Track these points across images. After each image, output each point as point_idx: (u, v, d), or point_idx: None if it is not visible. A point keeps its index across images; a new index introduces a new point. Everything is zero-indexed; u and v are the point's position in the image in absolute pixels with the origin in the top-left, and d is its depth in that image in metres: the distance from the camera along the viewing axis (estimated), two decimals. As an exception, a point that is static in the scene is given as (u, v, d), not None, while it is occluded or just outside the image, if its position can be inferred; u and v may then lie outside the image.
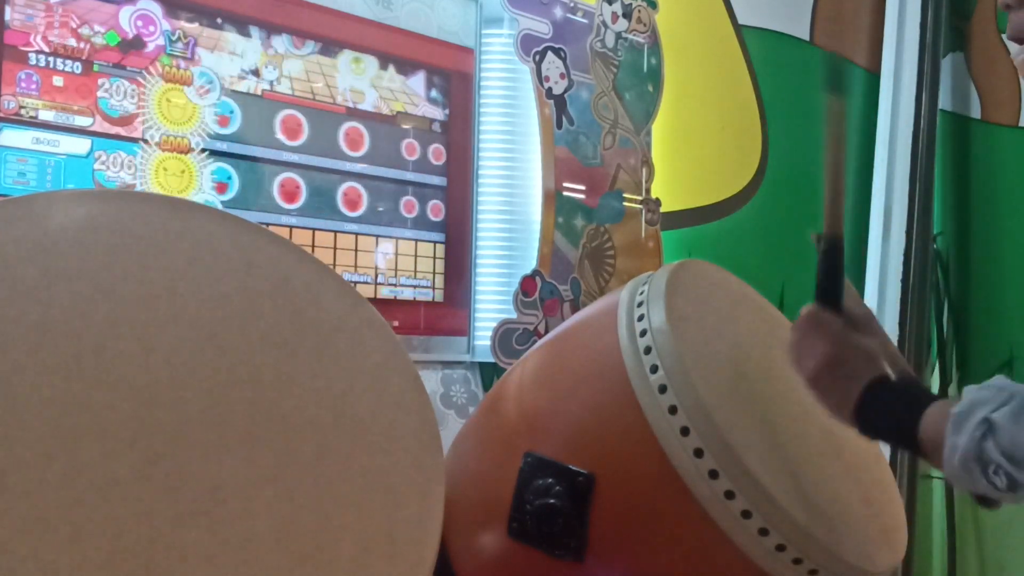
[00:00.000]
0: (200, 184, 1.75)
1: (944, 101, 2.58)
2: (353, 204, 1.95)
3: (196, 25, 1.75)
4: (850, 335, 1.07)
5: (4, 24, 1.55)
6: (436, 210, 2.09)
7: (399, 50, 2.04)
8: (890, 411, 1.01)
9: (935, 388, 2.56)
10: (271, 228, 1.66)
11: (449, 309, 2.10)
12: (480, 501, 1.20)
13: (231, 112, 1.80)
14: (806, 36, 2.67)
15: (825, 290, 1.12)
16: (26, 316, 0.91)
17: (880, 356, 1.07)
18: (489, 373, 2.13)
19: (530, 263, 2.13)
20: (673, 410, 1.08)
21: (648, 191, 2.38)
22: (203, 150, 1.75)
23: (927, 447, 0.95)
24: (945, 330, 2.56)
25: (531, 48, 2.14)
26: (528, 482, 1.14)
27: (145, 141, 1.68)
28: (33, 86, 1.57)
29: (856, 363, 1.04)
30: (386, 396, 1.05)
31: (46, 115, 1.58)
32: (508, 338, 2.05)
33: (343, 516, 0.94)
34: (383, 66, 2.01)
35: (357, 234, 1.96)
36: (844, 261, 1.13)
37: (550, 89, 2.16)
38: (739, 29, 2.60)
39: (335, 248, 1.93)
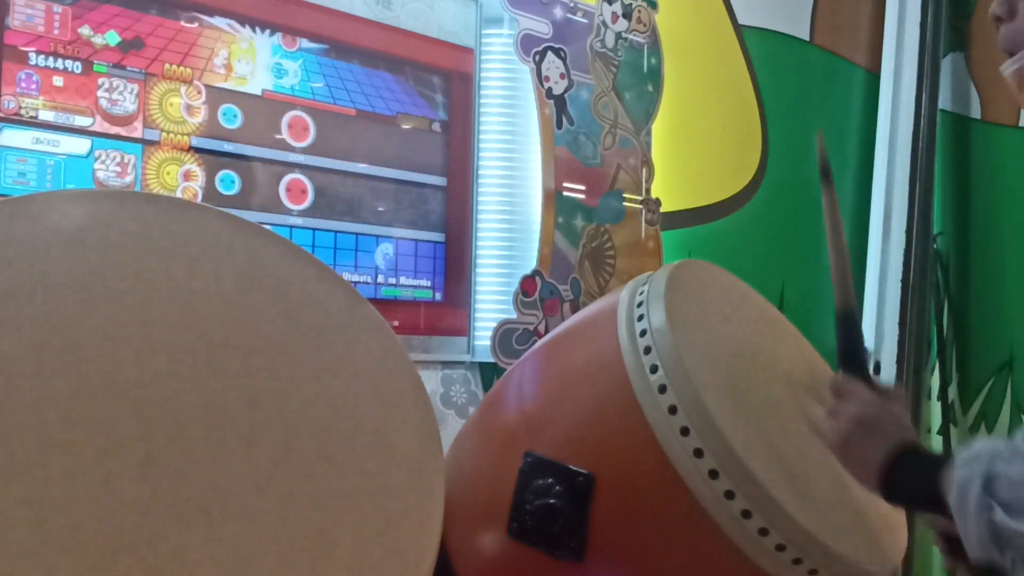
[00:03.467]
0: (199, 184, 1.75)
1: (944, 101, 2.58)
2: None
3: (196, 25, 1.75)
4: (876, 400, 1.07)
5: (4, 24, 1.55)
6: (436, 210, 2.09)
7: (399, 50, 2.04)
8: (914, 474, 0.99)
9: (935, 388, 2.56)
10: (270, 228, 1.66)
11: (449, 309, 2.10)
12: (480, 501, 1.20)
13: (231, 112, 1.79)
14: (806, 36, 2.67)
15: (849, 359, 1.13)
16: (26, 316, 0.91)
17: (907, 422, 1.06)
18: (489, 373, 2.13)
19: (530, 263, 2.13)
20: (673, 410, 1.08)
21: (648, 191, 2.38)
22: (203, 150, 1.75)
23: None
24: (945, 330, 2.56)
25: (531, 48, 2.14)
26: (528, 482, 1.14)
27: (145, 141, 1.68)
28: (33, 86, 1.57)
29: (886, 426, 1.03)
30: (386, 396, 1.05)
31: (46, 115, 1.58)
32: (508, 338, 2.05)
33: (343, 516, 0.94)
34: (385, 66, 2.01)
35: (357, 234, 1.96)
36: (863, 330, 1.15)
37: (550, 89, 2.16)
38: (739, 29, 2.60)
39: (335, 248, 1.93)
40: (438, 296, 2.08)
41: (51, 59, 1.59)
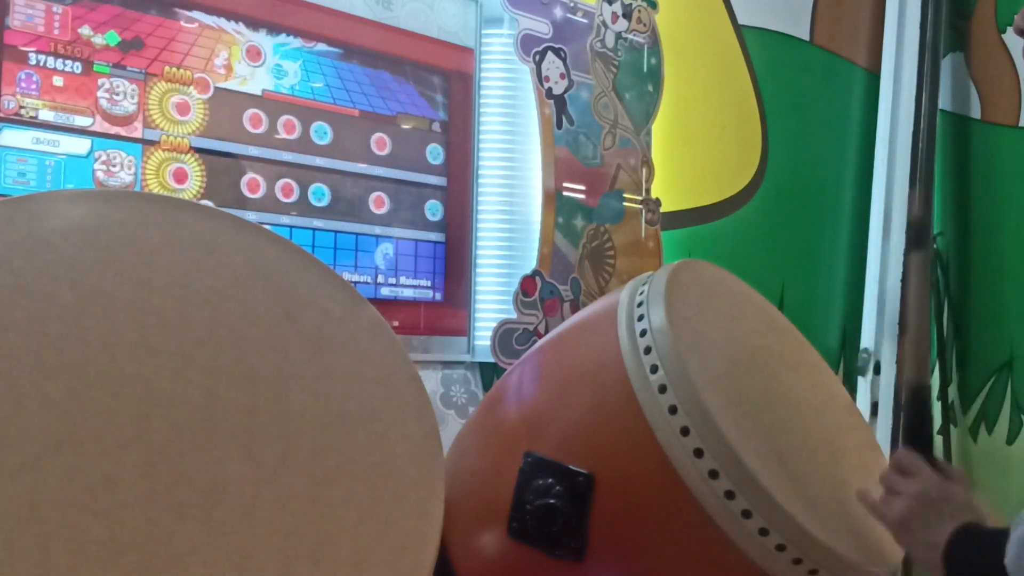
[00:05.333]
0: (199, 184, 1.75)
1: (944, 101, 2.57)
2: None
3: (196, 25, 1.75)
4: (939, 479, 1.05)
5: (4, 24, 1.55)
6: (436, 210, 2.09)
7: (399, 50, 2.04)
8: (982, 551, 0.97)
9: (935, 388, 2.56)
10: (271, 228, 1.66)
11: (449, 309, 2.10)
12: (480, 501, 1.20)
13: (231, 113, 1.79)
14: (806, 36, 2.67)
15: (914, 435, 1.11)
16: (26, 315, 0.91)
17: (973, 502, 1.04)
18: (489, 373, 2.13)
19: (530, 263, 2.12)
20: (673, 410, 1.08)
21: (648, 191, 2.38)
22: (203, 150, 1.75)
23: None
24: (945, 330, 2.56)
25: (531, 48, 2.13)
26: (528, 482, 1.14)
27: (145, 141, 1.68)
28: (33, 86, 1.57)
29: (950, 506, 1.02)
30: (386, 396, 1.05)
31: (46, 115, 1.58)
32: (508, 338, 2.05)
33: (343, 516, 0.94)
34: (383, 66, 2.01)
35: (357, 234, 1.96)
36: (931, 409, 1.12)
37: (550, 89, 2.16)
38: (739, 29, 2.60)
39: (335, 248, 1.93)
40: (438, 296, 2.08)
41: (51, 59, 1.59)
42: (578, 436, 1.16)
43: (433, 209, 2.08)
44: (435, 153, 2.10)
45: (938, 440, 2.54)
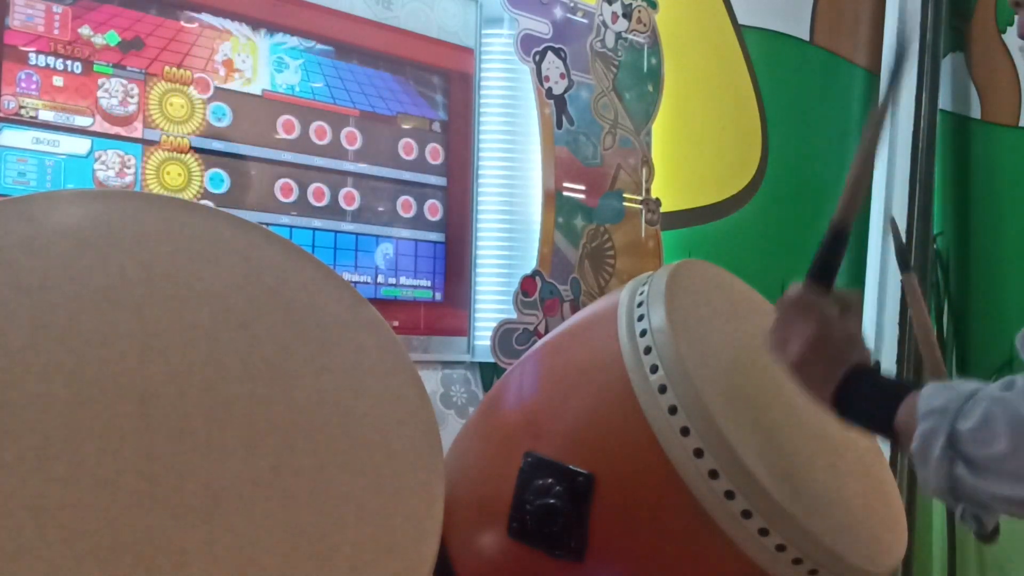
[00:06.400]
0: (199, 184, 1.75)
1: (944, 101, 2.57)
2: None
3: (196, 25, 1.75)
4: (837, 318, 1.06)
5: (4, 24, 1.55)
6: (436, 210, 2.09)
7: (399, 50, 2.04)
8: (869, 398, 1.00)
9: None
10: (270, 228, 1.66)
11: (449, 309, 2.10)
12: (480, 501, 1.20)
13: (231, 112, 1.79)
14: (806, 36, 2.67)
15: (820, 271, 1.10)
16: (27, 315, 0.91)
17: (864, 341, 1.06)
18: (489, 373, 2.13)
19: (530, 263, 2.13)
20: (673, 410, 1.08)
21: (648, 191, 2.38)
22: (202, 150, 1.75)
23: (903, 441, 0.95)
24: (945, 330, 2.56)
25: (531, 48, 2.14)
26: (528, 482, 1.14)
27: (145, 141, 1.68)
28: (33, 86, 1.57)
29: (841, 346, 1.03)
30: (386, 396, 1.05)
31: (46, 115, 1.58)
32: (508, 338, 2.05)
33: (343, 516, 0.94)
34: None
35: (357, 234, 1.96)
36: (845, 253, 1.12)
37: (550, 89, 2.16)
38: (739, 29, 2.60)
39: (335, 248, 1.93)
40: (438, 296, 2.08)
41: (51, 59, 1.59)
42: (578, 436, 1.16)
43: (433, 209, 2.09)
44: (435, 153, 2.10)
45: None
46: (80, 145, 1.62)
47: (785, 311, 1.08)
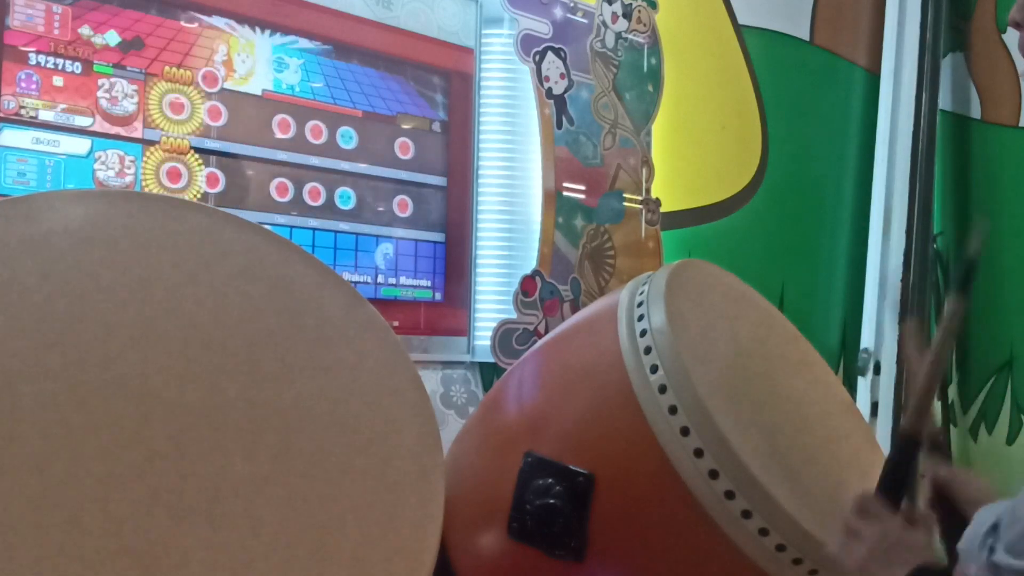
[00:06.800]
0: (199, 184, 1.75)
1: (944, 101, 2.58)
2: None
3: (196, 25, 1.75)
4: (900, 529, 1.04)
5: (4, 24, 1.55)
6: (436, 210, 2.09)
7: (399, 50, 2.04)
8: None
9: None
10: (270, 228, 1.66)
11: (449, 309, 2.10)
12: (480, 501, 1.20)
13: (231, 112, 1.79)
14: (806, 36, 2.67)
15: (890, 484, 1.08)
16: (27, 315, 0.91)
17: (930, 547, 1.05)
18: (489, 373, 2.12)
19: (530, 263, 2.12)
20: (673, 410, 1.08)
21: (648, 191, 2.38)
22: (202, 150, 1.75)
23: None
24: (945, 330, 2.56)
25: (531, 48, 2.13)
26: (528, 482, 1.14)
27: (145, 141, 1.68)
28: (33, 86, 1.57)
29: (903, 554, 1.01)
30: (386, 396, 1.05)
31: (46, 115, 1.58)
32: (508, 338, 2.05)
33: (343, 515, 0.94)
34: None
35: (357, 234, 1.96)
36: (919, 462, 1.10)
37: (550, 89, 2.16)
38: (739, 29, 2.60)
39: (335, 248, 1.93)
40: (438, 296, 2.08)
41: (51, 59, 1.59)
42: (578, 436, 1.16)
43: (433, 209, 2.08)
44: (435, 153, 2.09)
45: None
46: (80, 145, 1.62)
47: (852, 517, 1.06)
